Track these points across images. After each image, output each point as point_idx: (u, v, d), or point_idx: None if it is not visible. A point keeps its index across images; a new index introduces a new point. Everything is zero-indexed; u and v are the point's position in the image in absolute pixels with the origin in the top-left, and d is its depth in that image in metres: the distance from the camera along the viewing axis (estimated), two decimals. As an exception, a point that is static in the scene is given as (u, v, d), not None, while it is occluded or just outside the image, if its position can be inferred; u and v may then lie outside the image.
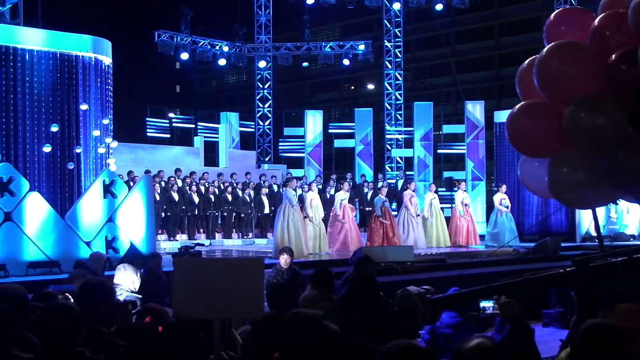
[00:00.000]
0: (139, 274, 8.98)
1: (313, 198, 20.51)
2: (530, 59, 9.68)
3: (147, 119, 30.41)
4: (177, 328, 5.33)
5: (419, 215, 22.62)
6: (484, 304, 6.60)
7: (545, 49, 9.11)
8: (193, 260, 7.27)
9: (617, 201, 23.91)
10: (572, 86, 8.72)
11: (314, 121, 32.14)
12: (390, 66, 35.52)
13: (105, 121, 16.86)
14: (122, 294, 8.53)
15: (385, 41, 35.70)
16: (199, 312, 5.33)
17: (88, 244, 15.06)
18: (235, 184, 25.59)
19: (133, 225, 15.72)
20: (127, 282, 8.85)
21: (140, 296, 8.82)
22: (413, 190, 22.96)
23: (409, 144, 32.90)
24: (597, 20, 8.89)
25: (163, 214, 23.15)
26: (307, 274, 9.49)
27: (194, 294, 5.32)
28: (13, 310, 5.33)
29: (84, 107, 16.24)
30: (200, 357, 5.35)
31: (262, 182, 26.28)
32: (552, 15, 9.97)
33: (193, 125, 31.54)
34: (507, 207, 23.18)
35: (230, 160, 30.08)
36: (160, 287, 10.79)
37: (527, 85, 9.51)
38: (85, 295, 6.26)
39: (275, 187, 26.29)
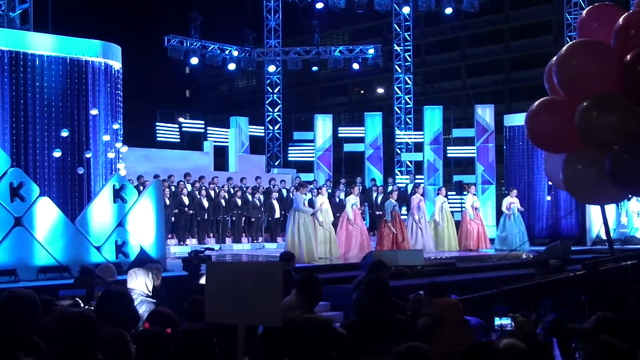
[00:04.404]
0: (150, 276, 8.97)
1: (323, 202, 20.49)
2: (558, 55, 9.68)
3: (157, 123, 30.46)
4: (189, 335, 5.36)
5: (430, 221, 22.67)
6: (502, 321, 6.62)
7: (565, 47, 9.12)
8: (223, 263, 7.27)
9: (637, 199, 24.04)
10: (591, 84, 8.70)
11: (323, 125, 32.12)
12: (399, 70, 35.50)
13: (115, 126, 16.89)
14: (137, 299, 8.54)
15: (395, 45, 35.69)
16: (226, 316, 5.32)
17: (98, 248, 15.08)
18: (245, 189, 25.58)
19: (143, 229, 15.73)
20: (140, 286, 8.84)
21: (154, 300, 8.82)
22: (422, 195, 22.97)
23: (418, 147, 32.87)
24: (621, 19, 8.86)
25: (173, 218, 23.17)
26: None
27: (222, 298, 5.31)
28: (23, 315, 5.38)
29: (93, 112, 16.28)
30: None
31: (271, 186, 26.28)
32: (584, 12, 9.99)
33: (203, 130, 31.55)
34: (518, 210, 23.13)
35: (240, 165, 30.07)
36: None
37: (554, 82, 9.51)
38: (106, 303, 6.36)
39: (284, 192, 26.28)
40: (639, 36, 8.48)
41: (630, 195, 18.20)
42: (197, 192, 24.08)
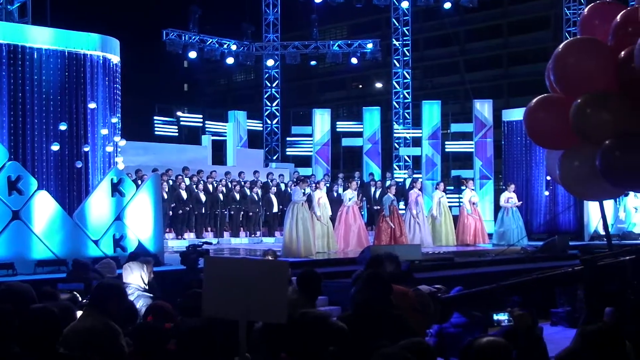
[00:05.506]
0: (145, 269, 8.94)
1: (321, 197, 20.50)
2: None
3: (155, 117, 30.47)
4: (193, 331, 5.37)
5: (427, 216, 22.72)
6: (499, 316, 6.63)
7: (561, 45, 9.14)
8: (222, 259, 7.30)
9: (635, 195, 24.06)
10: (587, 82, 8.71)
11: (321, 120, 32.10)
12: (398, 65, 35.48)
13: (114, 120, 16.87)
14: (133, 293, 8.51)
15: (394, 40, 35.66)
16: (226, 312, 5.31)
17: (96, 242, 15.08)
18: (243, 183, 25.58)
19: (141, 223, 15.72)
20: (136, 280, 8.81)
21: (151, 295, 8.80)
22: (420, 189, 22.99)
23: (417, 142, 32.87)
24: (619, 16, 8.87)
25: (171, 212, 23.16)
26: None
27: (222, 294, 5.30)
28: (18, 308, 5.38)
29: (92, 105, 16.26)
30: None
31: (269, 181, 26.27)
32: (586, 9, 10.00)
33: (201, 124, 31.56)
34: (514, 204, 23.14)
35: (238, 159, 30.09)
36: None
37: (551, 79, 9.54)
38: (99, 295, 6.36)
39: (282, 186, 26.29)
40: (637, 33, 8.47)
41: (627, 191, 18.26)
42: (195, 186, 24.06)
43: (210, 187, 24.54)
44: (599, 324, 5.06)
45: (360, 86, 67.91)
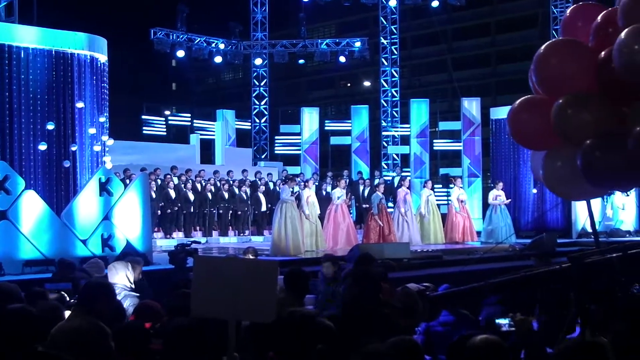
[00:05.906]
0: (130, 268, 8.92)
1: (309, 195, 20.50)
2: None
3: (143, 116, 30.39)
4: (181, 330, 5.35)
5: (416, 214, 22.74)
6: (500, 321, 6.60)
7: (543, 46, 9.16)
8: (212, 259, 7.29)
9: (625, 193, 24.13)
10: (568, 83, 8.74)
11: (310, 118, 32.09)
12: (386, 63, 35.49)
13: (101, 119, 16.84)
14: (120, 293, 8.50)
15: (382, 38, 35.69)
16: (215, 312, 5.30)
17: (84, 242, 15.04)
18: (231, 182, 25.55)
19: (129, 223, 15.68)
20: (122, 280, 8.79)
21: (138, 294, 8.79)
22: (408, 188, 23.02)
23: (405, 141, 32.89)
24: (600, 16, 8.89)
25: (159, 211, 23.11)
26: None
27: (211, 293, 5.29)
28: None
29: (79, 105, 16.23)
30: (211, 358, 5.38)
31: (258, 179, 26.25)
32: (568, 11, 10.00)
33: (189, 123, 31.51)
34: (503, 202, 23.21)
35: (227, 158, 30.07)
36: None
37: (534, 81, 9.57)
38: (87, 295, 6.33)
39: (271, 185, 26.28)
40: (616, 34, 8.49)
41: (609, 191, 18.31)
42: (183, 186, 24.02)
43: (198, 186, 24.51)
44: (575, 339, 5.07)
45: (349, 85, 67.87)
